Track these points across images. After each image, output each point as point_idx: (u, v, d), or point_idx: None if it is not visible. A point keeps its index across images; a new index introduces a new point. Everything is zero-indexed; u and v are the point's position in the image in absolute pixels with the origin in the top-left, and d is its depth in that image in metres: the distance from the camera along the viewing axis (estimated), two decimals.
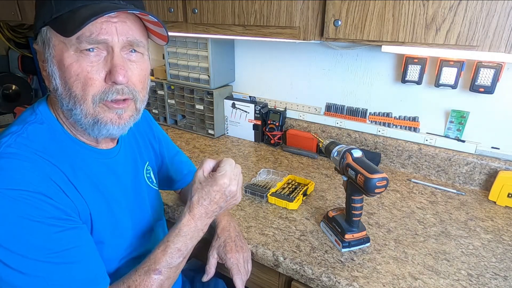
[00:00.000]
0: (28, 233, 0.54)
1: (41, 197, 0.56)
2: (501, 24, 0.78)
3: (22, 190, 0.54)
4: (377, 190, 0.78)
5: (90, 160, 0.68)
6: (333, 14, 0.97)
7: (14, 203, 0.53)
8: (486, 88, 1.09)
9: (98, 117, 0.62)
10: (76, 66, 0.59)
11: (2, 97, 2.39)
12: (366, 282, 0.78)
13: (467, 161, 1.20)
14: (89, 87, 0.60)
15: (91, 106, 0.61)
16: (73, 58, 0.59)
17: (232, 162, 0.74)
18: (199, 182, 0.72)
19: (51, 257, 0.56)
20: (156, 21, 0.62)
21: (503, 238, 0.95)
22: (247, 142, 1.63)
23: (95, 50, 0.60)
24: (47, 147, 0.61)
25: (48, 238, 0.56)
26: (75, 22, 0.56)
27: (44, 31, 0.61)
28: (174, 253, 0.68)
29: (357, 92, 1.39)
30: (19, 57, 2.50)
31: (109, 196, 0.70)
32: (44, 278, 0.55)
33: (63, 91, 0.61)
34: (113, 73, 0.60)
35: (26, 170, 0.56)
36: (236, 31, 1.19)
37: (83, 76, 0.59)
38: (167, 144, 0.98)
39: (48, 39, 0.60)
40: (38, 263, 0.54)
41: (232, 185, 0.71)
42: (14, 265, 0.53)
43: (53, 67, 0.61)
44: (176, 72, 1.67)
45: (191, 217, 0.71)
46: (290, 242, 0.92)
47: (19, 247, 0.53)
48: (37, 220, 0.55)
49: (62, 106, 0.63)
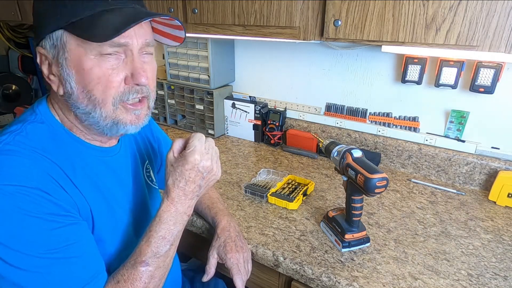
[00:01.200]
0: (26, 229, 0.54)
1: (39, 193, 0.56)
2: (501, 24, 0.78)
3: (21, 186, 0.54)
4: (377, 190, 0.78)
5: (90, 158, 0.68)
6: (333, 14, 0.97)
7: (13, 199, 0.53)
8: (486, 88, 1.09)
9: (117, 119, 0.64)
10: (97, 70, 0.60)
11: (2, 97, 2.39)
12: (366, 282, 0.78)
13: (467, 161, 1.20)
14: (110, 90, 0.61)
15: (111, 109, 0.63)
16: (93, 62, 0.60)
17: (201, 136, 0.70)
18: (170, 164, 0.70)
19: (50, 253, 0.56)
20: (178, 25, 0.66)
21: (503, 238, 0.95)
22: (247, 142, 1.63)
23: (115, 53, 0.61)
24: (46, 145, 0.61)
25: (46, 234, 0.56)
26: (107, 29, 0.57)
27: (57, 34, 0.60)
28: (159, 241, 0.66)
29: (357, 92, 1.39)
30: (19, 57, 2.50)
31: (109, 194, 0.70)
32: (43, 274, 0.55)
33: (80, 95, 0.61)
34: (136, 76, 0.62)
35: (24, 166, 0.57)
36: (236, 31, 1.19)
37: (105, 79, 0.61)
38: (167, 143, 0.98)
39: (63, 43, 0.60)
40: (36, 259, 0.54)
41: (205, 160, 0.68)
42: (13, 261, 0.53)
43: (69, 71, 0.60)
44: (176, 72, 1.67)
45: (170, 202, 0.68)
46: (290, 242, 0.92)
47: (18, 243, 0.53)
48: (35, 215, 0.55)
49: (77, 109, 0.63)
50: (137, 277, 0.63)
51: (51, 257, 0.56)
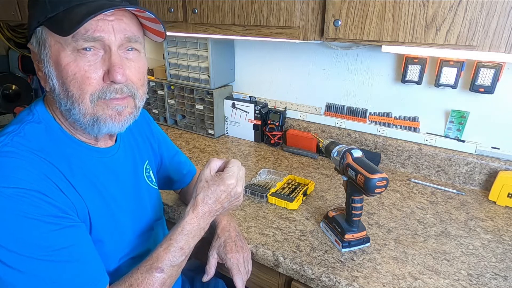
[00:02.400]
0: (25, 231, 0.54)
1: (38, 195, 0.56)
2: (501, 24, 0.78)
3: (19, 188, 0.54)
4: (377, 190, 0.78)
5: (88, 159, 0.68)
6: (333, 14, 0.97)
7: (11, 201, 0.53)
8: (486, 88, 1.09)
9: (97, 115, 0.62)
10: (73, 65, 0.59)
11: (2, 97, 2.39)
12: (366, 282, 0.78)
13: (467, 161, 1.20)
14: (87, 86, 0.60)
15: (90, 105, 0.61)
16: (70, 57, 0.59)
17: (239, 164, 0.75)
18: (205, 180, 0.73)
19: (49, 255, 0.55)
20: (153, 18, 0.62)
21: (503, 238, 0.95)
22: (247, 142, 1.63)
23: (92, 49, 0.60)
24: (44, 146, 0.61)
25: (45, 236, 0.56)
26: (71, 21, 0.55)
27: (39, 31, 0.60)
28: (177, 251, 0.68)
29: (357, 92, 1.39)
30: (19, 57, 2.50)
31: (107, 194, 0.70)
32: (41, 277, 0.55)
33: (60, 91, 0.61)
34: (112, 72, 0.60)
35: (22, 168, 0.56)
36: (236, 31, 1.19)
37: (80, 75, 0.59)
38: (166, 144, 0.98)
39: (43, 40, 0.60)
40: (35, 261, 0.54)
41: (238, 186, 0.73)
42: (12, 263, 0.53)
43: (50, 67, 0.60)
44: (176, 72, 1.67)
45: (195, 216, 0.71)
46: (290, 242, 0.92)
47: (16, 245, 0.53)
48: (34, 217, 0.55)
49: (60, 106, 0.63)
50: (151, 283, 0.64)
51: (49, 259, 0.55)
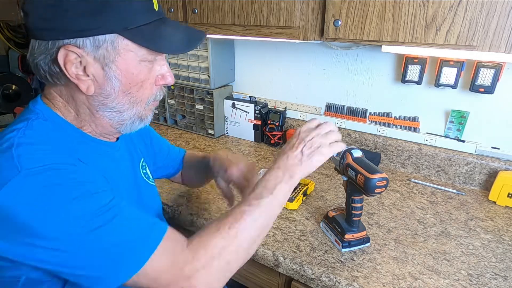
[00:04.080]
0: (82, 195, 0.54)
1: (76, 163, 0.58)
2: (501, 24, 0.78)
3: (58, 163, 0.55)
4: (377, 190, 0.78)
5: (98, 152, 0.69)
6: (333, 14, 0.97)
7: (60, 173, 0.54)
8: (486, 88, 1.09)
9: (142, 116, 0.69)
10: (142, 74, 0.64)
11: (2, 97, 2.39)
12: (366, 282, 0.78)
13: (467, 161, 1.20)
14: (148, 91, 0.67)
15: (144, 108, 0.68)
16: (140, 66, 0.63)
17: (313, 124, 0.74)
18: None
19: (103, 215, 0.55)
20: None
21: (503, 238, 0.95)
22: (247, 142, 1.63)
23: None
24: (56, 140, 0.61)
25: (93, 199, 0.56)
26: (171, 43, 0.63)
27: (109, 37, 0.59)
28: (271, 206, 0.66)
29: (357, 92, 1.39)
30: (19, 57, 2.50)
31: (115, 187, 0.70)
32: (103, 241, 0.54)
33: (118, 95, 0.64)
34: (167, 78, 0.68)
35: (48, 151, 0.57)
36: (236, 31, 1.19)
37: (146, 83, 0.66)
38: (155, 136, 1.02)
39: (115, 46, 0.60)
40: (97, 217, 0.54)
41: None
42: (73, 231, 0.53)
43: (117, 73, 0.62)
44: (176, 72, 1.67)
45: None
46: (290, 242, 0.92)
47: (82, 209, 0.54)
48: (82, 181, 0.56)
49: (105, 108, 0.64)
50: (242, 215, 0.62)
51: (104, 221, 0.55)
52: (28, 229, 0.51)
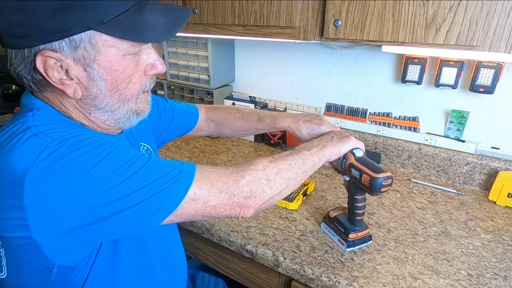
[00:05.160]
0: (110, 153, 0.56)
1: (88, 133, 0.60)
2: (501, 24, 0.78)
3: (73, 132, 0.56)
4: (383, 189, 0.78)
5: None
6: (333, 14, 0.97)
7: (76, 142, 0.55)
8: (486, 88, 1.09)
9: (137, 110, 0.67)
10: (129, 69, 0.60)
11: (2, 97, 2.39)
12: (366, 282, 0.78)
13: (467, 161, 1.20)
14: (137, 84, 0.64)
15: (135, 102, 0.65)
16: (125, 61, 0.59)
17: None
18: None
19: (140, 158, 0.57)
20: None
21: (503, 238, 0.95)
22: (247, 142, 1.63)
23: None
24: (64, 124, 0.61)
25: (125, 150, 0.58)
26: (154, 30, 0.58)
27: (85, 35, 0.55)
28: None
29: (357, 92, 1.39)
30: None
31: None
32: (148, 176, 0.56)
33: (106, 96, 0.61)
34: (157, 66, 0.65)
35: (62, 127, 0.58)
36: (236, 31, 1.19)
37: (135, 76, 0.62)
38: (163, 109, 1.00)
39: (93, 44, 0.56)
40: (133, 171, 0.55)
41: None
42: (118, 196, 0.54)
43: (100, 72, 0.58)
44: (176, 72, 1.67)
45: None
46: (290, 242, 0.92)
47: (129, 169, 0.55)
48: (104, 141, 0.57)
49: (97, 110, 0.62)
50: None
51: (142, 158, 0.57)
52: (84, 200, 0.52)
